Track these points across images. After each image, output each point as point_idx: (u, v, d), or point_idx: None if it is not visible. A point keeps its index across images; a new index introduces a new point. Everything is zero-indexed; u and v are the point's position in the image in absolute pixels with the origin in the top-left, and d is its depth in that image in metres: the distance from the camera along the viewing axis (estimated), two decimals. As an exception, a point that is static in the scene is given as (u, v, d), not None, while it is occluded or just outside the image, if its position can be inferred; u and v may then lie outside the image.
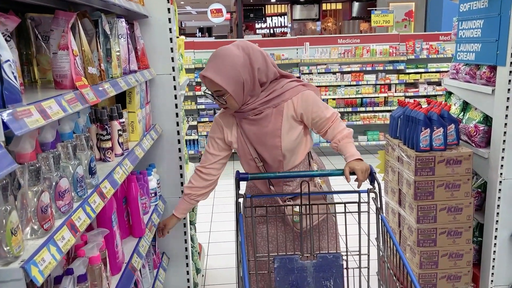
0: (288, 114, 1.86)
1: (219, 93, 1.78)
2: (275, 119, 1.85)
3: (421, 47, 6.39)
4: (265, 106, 1.84)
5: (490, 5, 2.56)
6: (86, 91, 1.25)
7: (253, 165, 1.98)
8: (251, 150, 1.93)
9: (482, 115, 2.73)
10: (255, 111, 1.85)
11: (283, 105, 1.85)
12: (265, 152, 1.91)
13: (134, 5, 1.90)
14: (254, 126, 1.87)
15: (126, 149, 1.77)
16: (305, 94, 1.87)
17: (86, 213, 1.19)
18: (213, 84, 1.76)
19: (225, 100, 1.78)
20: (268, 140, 1.88)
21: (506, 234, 2.62)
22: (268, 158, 1.92)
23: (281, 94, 1.85)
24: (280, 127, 1.86)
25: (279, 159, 1.92)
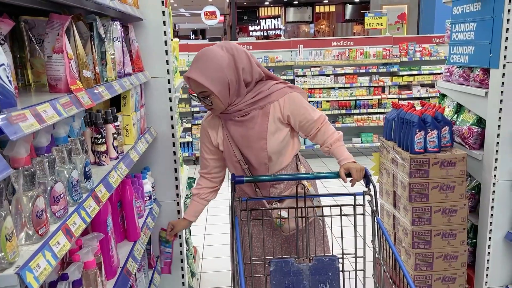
0: (274, 116, 1.86)
1: (205, 94, 1.78)
2: (262, 121, 1.85)
3: (414, 50, 6.43)
4: (252, 107, 1.84)
5: (483, 8, 2.58)
6: (81, 95, 1.24)
7: (238, 168, 1.96)
8: (236, 152, 1.92)
9: (475, 117, 2.75)
10: (241, 112, 1.84)
11: (270, 106, 1.85)
12: (250, 155, 1.90)
13: (128, 8, 1.89)
14: (240, 128, 1.87)
15: (121, 153, 1.76)
16: (292, 95, 1.87)
17: (81, 218, 1.18)
18: (198, 85, 1.76)
19: (211, 101, 1.78)
20: (254, 142, 1.87)
21: (500, 236, 2.63)
22: (253, 161, 1.91)
23: (267, 95, 1.85)
24: (266, 129, 1.85)
25: (264, 161, 1.90)
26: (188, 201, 2.96)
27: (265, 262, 1.91)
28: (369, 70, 6.46)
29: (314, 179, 2.00)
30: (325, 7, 15.64)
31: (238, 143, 1.90)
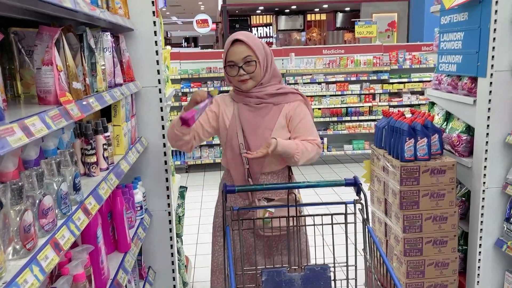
0: (285, 114, 1.99)
1: (249, 59, 1.89)
2: (273, 114, 1.97)
3: (404, 58, 6.49)
4: (269, 99, 1.97)
5: (470, 18, 2.62)
6: (71, 107, 1.23)
7: (235, 151, 1.99)
8: (239, 135, 1.97)
9: (464, 125, 2.78)
10: (258, 100, 1.96)
11: (284, 105, 1.99)
12: (253, 141, 1.96)
13: (119, 19, 1.90)
14: (253, 113, 1.97)
15: (111, 163, 1.75)
16: (304, 107, 2.02)
17: (71, 231, 1.17)
18: (244, 49, 1.89)
19: (253, 69, 1.89)
20: (260, 130, 1.96)
21: (490, 242, 2.65)
22: (253, 148, 1.95)
23: (286, 93, 2.00)
24: (275, 123, 1.97)
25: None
26: (180, 210, 2.95)
27: (256, 272, 1.90)
28: (359, 78, 6.51)
29: (306, 188, 2.01)
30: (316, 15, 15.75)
31: (245, 127, 1.97)
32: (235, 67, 1.92)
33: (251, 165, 2.01)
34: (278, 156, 1.95)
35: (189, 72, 6.27)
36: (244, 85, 1.95)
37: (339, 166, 6.54)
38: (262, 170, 2.03)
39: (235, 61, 1.91)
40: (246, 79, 1.92)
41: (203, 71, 6.31)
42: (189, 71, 6.29)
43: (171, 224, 2.46)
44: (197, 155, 6.42)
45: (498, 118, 2.51)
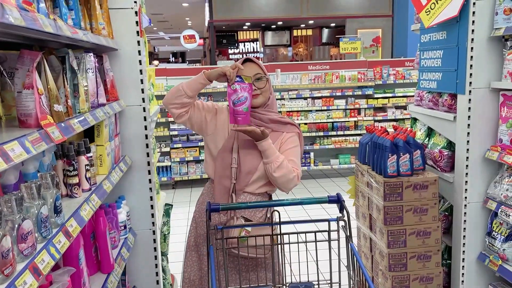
0: (279, 141, 2.08)
1: (259, 76, 2.03)
2: (270, 137, 2.02)
3: (388, 73, 6.60)
4: (270, 125, 2.07)
5: (448, 36, 2.69)
6: (52, 130, 1.24)
7: (226, 164, 2.04)
8: (234, 150, 2.04)
9: (446, 141, 2.83)
10: (259, 123, 2.05)
11: (281, 133, 2.09)
12: (245, 159, 2.02)
13: (102, 40, 1.91)
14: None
15: (93, 184, 1.75)
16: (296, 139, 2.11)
17: (51, 254, 1.16)
18: (255, 67, 2.03)
19: (264, 84, 2.02)
20: (255, 150, 2.02)
21: (473, 257, 2.68)
22: (245, 165, 2.02)
23: (285, 123, 2.11)
24: None
25: (252, 170, 2.02)
26: (165, 228, 2.93)
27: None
28: (345, 93, 6.60)
29: (289, 205, 2.02)
30: (302, 31, 15.96)
31: (242, 145, 2.04)
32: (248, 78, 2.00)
33: (238, 181, 2.03)
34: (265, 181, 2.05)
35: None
36: (255, 99, 2.03)
37: (326, 181, 6.57)
38: (246, 188, 2.05)
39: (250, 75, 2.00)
40: (257, 94, 2.02)
41: (189, 87, 6.32)
42: (176, 87, 6.29)
43: (155, 243, 2.44)
44: (183, 171, 6.40)
45: (477, 134, 2.57)
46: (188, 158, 6.34)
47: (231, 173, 2.04)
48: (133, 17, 2.24)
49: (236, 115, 1.94)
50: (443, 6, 2.60)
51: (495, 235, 2.53)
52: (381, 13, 12.12)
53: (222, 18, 12.33)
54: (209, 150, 2.12)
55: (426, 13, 2.73)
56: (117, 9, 2.22)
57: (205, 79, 1.99)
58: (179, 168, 6.40)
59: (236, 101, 1.94)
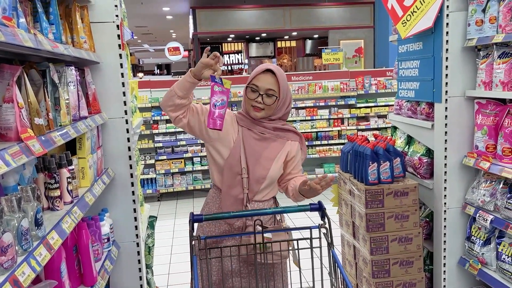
0: (285, 150, 2.06)
1: (271, 93, 1.95)
2: (275, 146, 2.04)
3: (369, 83, 6.72)
4: (275, 132, 2.04)
5: (424, 47, 2.77)
6: (32, 143, 1.25)
7: (235, 174, 1.99)
8: (242, 159, 1.99)
9: (425, 148, 2.90)
10: (264, 130, 2.02)
11: (286, 142, 2.07)
12: (253, 168, 1.99)
13: (84, 53, 1.93)
14: (257, 141, 2.02)
15: (75, 196, 1.75)
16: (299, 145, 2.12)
17: (31, 267, 1.16)
18: (272, 81, 1.95)
19: (271, 102, 1.95)
20: (262, 160, 2.00)
21: (454, 261, 2.74)
22: (253, 174, 1.99)
23: (289, 130, 2.08)
24: (276, 155, 2.04)
25: (262, 180, 2.00)
26: (150, 240, 2.93)
27: None
28: (328, 103, 6.69)
29: (272, 214, 2.03)
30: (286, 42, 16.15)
31: (249, 154, 2.00)
32: (256, 93, 1.96)
33: (250, 190, 2.01)
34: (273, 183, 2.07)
35: (160, 100, 6.28)
36: (254, 112, 1.98)
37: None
38: (255, 197, 2.03)
39: (259, 87, 1.95)
40: (259, 108, 1.97)
41: (174, 99, 6.33)
42: (160, 99, 6.29)
43: (139, 255, 2.44)
44: (169, 183, 6.38)
45: (454, 141, 2.64)
46: (173, 170, 6.32)
47: (242, 183, 2.00)
48: (115, 30, 2.27)
49: (215, 118, 1.79)
50: (418, 18, 2.69)
51: (474, 240, 2.59)
52: (363, 24, 12.35)
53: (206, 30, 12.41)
54: (213, 158, 2.04)
55: (403, 25, 2.82)
56: (99, 23, 2.25)
57: (191, 76, 1.86)
58: (164, 180, 6.38)
59: (217, 103, 1.81)
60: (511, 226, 2.25)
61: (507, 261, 2.33)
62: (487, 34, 2.37)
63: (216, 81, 1.81)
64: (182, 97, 1.88)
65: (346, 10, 12.32)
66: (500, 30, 2.30)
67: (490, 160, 2.39)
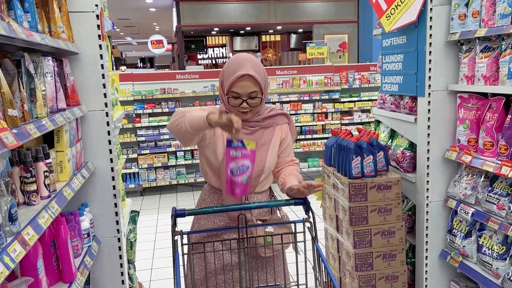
0: (277, 136, 2.02)
1: (255, 95, 1.85)
2: (267, 137, 1.99)
3: (353, 77, 6.74)
4: (263, 123, 1.97)
5: (408, 41, 2.78)
6: (5, 135, 1.20)
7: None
8: None
9: (408, 142, 2.91)
10: (254, 124, 1.95)
11: (275, 127, 2.02)
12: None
13: (62, 43, 1.87)
14: (250, 136, 1.95)
15: (53, 191, 1.70)
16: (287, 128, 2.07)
17: (4, 264, 1.12)
18: (252, 84, 1.83)
19: (257, 102, 1.86)
20: (258, 153, 1.92)
21: (436, 254, 2.76)
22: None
23: (275, 116, 2.01)
24: (270, 145, 1.99)
25: (259, 173, 1.96)
26: (132, 235, 2.88)
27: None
28: (312, 98, 6.69)
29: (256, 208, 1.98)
30: (271, 36, 16.10)
31: None
32: (239, 99, 1.85)
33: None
34: (270, 173, 2.04)
35: (143, 94, 6.21)
36: (243, 116, 1.89)
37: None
38: (254, 190, 2.00)
39: (241, 94, 1.83)
40: (247, 111, 1.88)
41: (157, 92, 6.26)
42: (143, 92, 6.22)
43: (121, 250, 2.39)
44: (152, 177, 6.31)
45: (437, 134, 2.65)
46: (157, 164, 6.25)
47: None
48: (94, 20, 2.20)
49: (233, 186, 1.68)
50: (402, 12, 2.68)
51: (456, 233, 2.61)
52: (346, 19, 12.38)
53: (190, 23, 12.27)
54: (208, 160, 1.97)
55: (387, 18, 2.81)
56: (78, 12, 2.18)
57: (205, 122, 1.68)
58: (147, 174, 6.31)
59: (235, 170, 1.68)
60: (491, 219, 2.27)
61: (487, 254, 2.36)
62: (470, 28, 2.38)
63: (234, 146, 1.64)
64: (192, 134, 1.79)
65: (331, 5, 12.33)
66: (482, 25, 2.31)
67: (471, 154, 2.41)
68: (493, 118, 2.32)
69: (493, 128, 2.31)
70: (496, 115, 2.30)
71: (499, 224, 2.21)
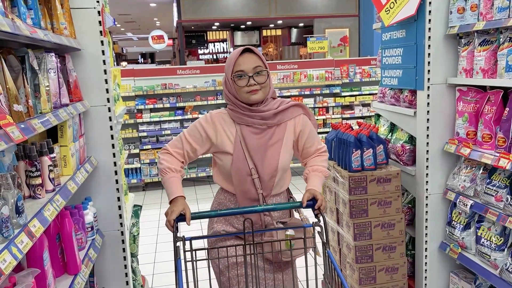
0: (289, 131, 1.92)
1: (259, 69, 1.80)
2: (278, 135, 1.89)
3: (354, 71, 6.75)
4: (273, 120, 1.87)
5: (408, 35, 2.79)
6: (11, 129, 1.23)
7: (244, 177, 1.85)
8: (248, 160, 1.85)
9: (407, 135, 2.94)
10: (262, 122, 1.86)
11: (287, 123, 1.91)
12: (262, 165, 1.85)
13: (64, 39, 1.89)
14: (258, 136, 1.87)
15: (58, 185, 1.73)
16: (305, 119, 1.96)
17: (12, 255, 1.15)
18: (255, 59, 1.81)
19: (263, 80, 1.80)
20: (269, 153, 1.86)
21: (435, 246, 2.79)
22: (264, 171, 1.86)
23: (287, 109, 1.91)
24: (282, 144, 1.89)
25: (274, 173, 1.87)
26: (135, 229, 2.92)
27: None
28: (313, 92, 6.71)
29: (262, 211, 1.82)
30: (272, 31, 16.08)
31: (254, 152, 1.85)
32: (245, 77, 1.80)
33: (264, 189, 1.88)
34: (285, 173, 1.95)
35: (144, 89, 6.23)
36: (253, 96, 1.81)
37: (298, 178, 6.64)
38: (271, 193, 1.91)
39: (246, 70, 1.79)
40: (256, 89, 1.80)
41: (158, 87, 6.28)
42: (144, 87, 6.25)
43: (124, 243, 2.43)
44: (154, 172, 6.35)
45: (436, 128, 2.67)
46: (158, 159, 6.28)
47: (254, 184, 1.86)
48: (96, 16, 2.23)
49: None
50: (401, 5, 2.70)
51: (455, 224, 2.64)
52: (347, 13, 12.36)
53: (191, 18, 12.27)
54: (219, 166, 1.93)
55: (386, 12, 2.83)
56: (79, 9, 2.20)
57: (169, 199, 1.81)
58: (149, 169, 6.35)
59: None
60: (490, 210, 2.30)
61: (486, 245, 2.39)
62: (468, 21, 2.40)
63: None
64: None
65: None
66: (481, 18, 2.33)
67: (470, 147, 2.44)
68: (491, 111, 2.34)
69: (491, 121, 2.34)
70: (495, 108, 2.32)
71: (497, 215, 2.24)
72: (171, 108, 6.40)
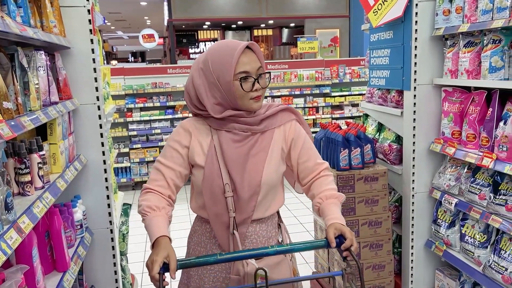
0: (277, 139, 1.59)
1: (261, 71, 1.51)
2: (263, 143, 1.56)
3: (344, 72, 6.81)
4: (258, 127, 1.55)
5: (395, 36, 2.84)
6: (1, 126, 1.24)
7: (217, 195, 1.51)
8: (223, 173, 1.51)
9: (394, 135, 2.98)
10: (245, 128, 1.53)
11: (274, 130, 1.59)
12: (241, 179, 1.50)
13: (54, 37, 1.90)
14: (238, 144, 1.53)
15: (47, 182, 1.74)
16: (298, 126, 1.64)
17: (2, 250, 1.16)
18: (255, 59, 1.50)
19: (266, 84, 1.53)
20: (250, 166, 1.52)
21: (421, 244, 2.85)
22: (244, 187, 1.50)
23: (276, 114, 1.60)
24: (267, 153, 1.55)
25: (256, 190, 1.51)
26: (124, 227, 2.92)
27: None
28: (303, 92, 6.75)
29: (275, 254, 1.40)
30: (263, 31, 16.12)
31: (231, 163, 1.50)
32: (250, 80, 1.48)
33: (239, 211, 1.51)
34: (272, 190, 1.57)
35: (134, 88, 6.22)
36: (257, 103, 1.52)
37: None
38: (253, 217, 1.54)
39: (250, 72, 1.48)
40: (260, 95, 1.51)
41: (148, 86, 6.28)
42: (134, 86, 6.23)
43: (113, 242, 2.44)
44: (143, 171, 6.34)
45: (422, 127, 2.72)
46: (148, 158, 6.28)
47: (227, 204, 1.50)
48: (86, 15, 2.23)
49: None
50: (389, 7, 2.74)
51: (440, 222, 2.69)
52: (338, 13, 12.44)
53: (182, 17, 12.25)
54: (194, 183, 1.61)
55: (374, 14, 2.87)
56: (69, 7, 2.21)
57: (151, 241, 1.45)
58: (139, 169, 6.34)
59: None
60: (473, 208, 2.35)
61: (469, 242, 2.44)
62: (453, 23, 2.45)
63: None
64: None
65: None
66: (465, 20, 2.38)
67: (455, 146, 2.49)
68: (475, 111, 2.39)
69: (475, 121, 2.39)
70: (479, 108, 2.37)
71: (481, 213, 2.29)
72: (161, 107, 6.40)
